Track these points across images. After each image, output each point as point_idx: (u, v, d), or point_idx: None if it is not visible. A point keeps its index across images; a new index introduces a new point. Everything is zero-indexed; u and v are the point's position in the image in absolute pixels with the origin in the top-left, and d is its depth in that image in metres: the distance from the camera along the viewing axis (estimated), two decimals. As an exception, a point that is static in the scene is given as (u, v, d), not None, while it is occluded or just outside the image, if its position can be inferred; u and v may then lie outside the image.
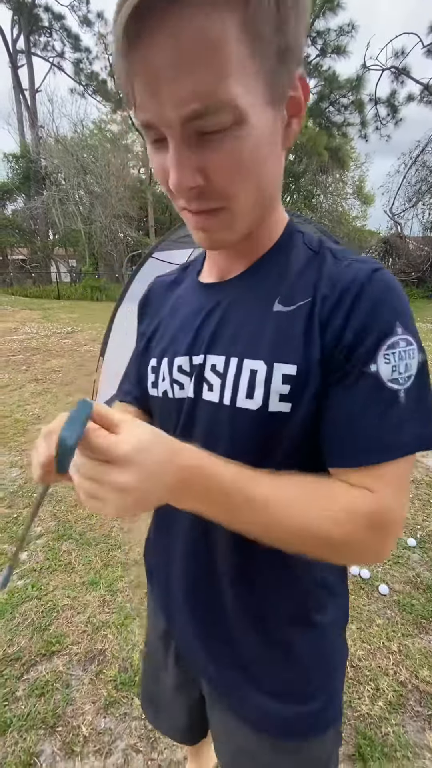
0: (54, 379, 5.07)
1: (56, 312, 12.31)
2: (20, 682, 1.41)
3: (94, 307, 14.31)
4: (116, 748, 1.22)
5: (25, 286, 19.20)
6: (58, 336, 8.21)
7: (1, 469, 2.86)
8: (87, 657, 1.51)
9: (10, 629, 1.62)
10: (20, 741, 1.22)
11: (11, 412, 3.92)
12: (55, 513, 2.36)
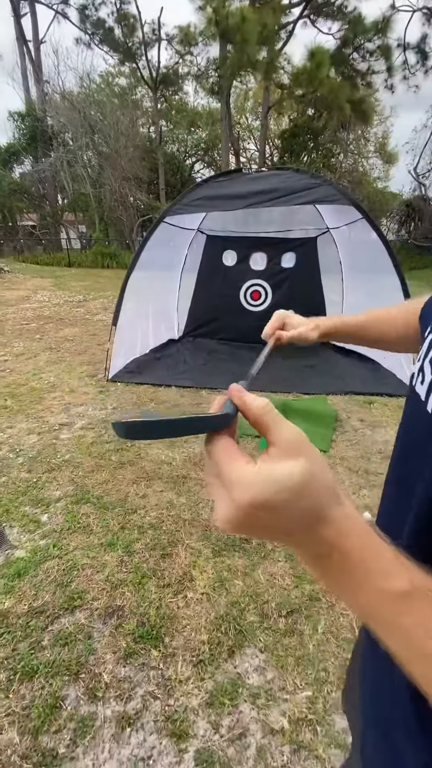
0: (68, 348, 5.10)
1: (67, 280, 12.21)
2: (45, 633, 1.51)
3: (105, 274, 14.12)
4: (135, 694, 1.31)
5: (35, 254, 18.99)
6: (70, 304, 8.19)
7: (20, 436, 2.94)
8: (107, 612, 1.60)
9: (34, 585, 1.71)
10: (47, 686, 1.32)
11: (27, 380, 3.99)
12: (72, 478, 2.43)
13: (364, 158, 23.72)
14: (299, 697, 1.30)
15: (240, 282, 5.08)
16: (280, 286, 5.02)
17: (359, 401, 3.58)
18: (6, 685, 1.32)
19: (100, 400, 3.54)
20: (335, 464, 2.60)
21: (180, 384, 3.88)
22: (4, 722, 1.22)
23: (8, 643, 1.46)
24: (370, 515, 2.12)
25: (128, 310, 4.10)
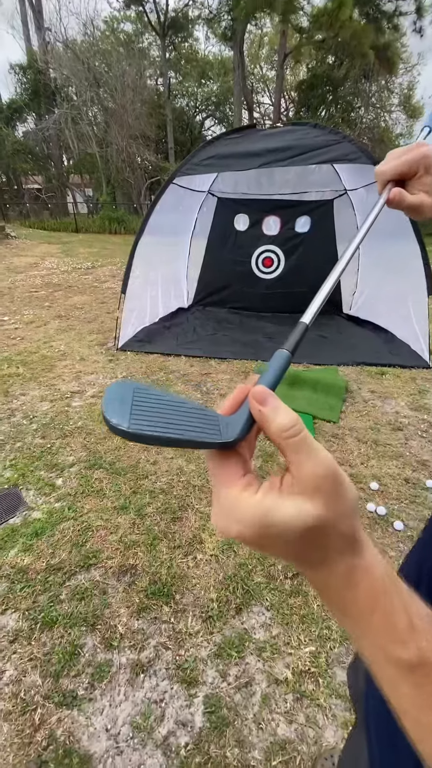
0: (77, 316, 5.09)
1: (75, 246, 11.99)
2: (63, 588, 1.60)
3: (112, 240, 13.82)
4: (148, 645, 1.39)
5: (42, 219, 18.58)
6: (78, 272, 8.09)
7: (33, 403, 2.99)
8: (120, 570, 1.68)
9: (51, 544, 1.80)
10: (65, 635, 1.41)
11: (38, 348, 4.01)
12: (85, 444, 2.49)
13: (387, 112, 22.12)
14: (303, 651, 1.37)
15: (252, 248, 4.92)
16: (293, 253, 4.85)
17: (371, 372, 3.54)
18: (28, 633, 1.42)
19: (110, 369, 3.56)
20: (344, 435, 2.61)
21: (189, 354, 3.87)
22: (27, 666, 1.32)
23: (29, 596, 1.56)
24: (377, 485, 2.14)
25: (137, 278, 4.03)
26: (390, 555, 1.74)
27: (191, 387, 3.24)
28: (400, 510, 1.99)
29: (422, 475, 2.25)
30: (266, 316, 4.93)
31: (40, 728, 1.16)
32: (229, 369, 3.59)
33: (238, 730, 1.17)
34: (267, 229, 4.86)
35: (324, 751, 1.10)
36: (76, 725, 1.17)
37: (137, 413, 0.26)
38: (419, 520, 1.94)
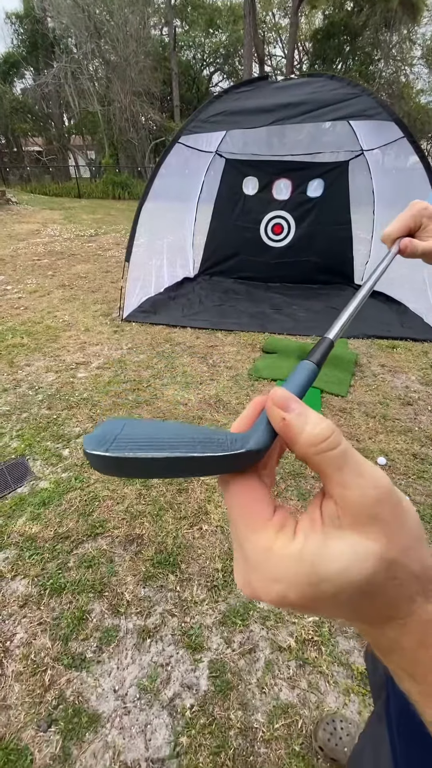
0: (81, 286, 4.98)
1: (78, 212, 11.63)
2: (71, 556, 1.62)
3: (116, 206, 13.38)
4: (155, 612, 1.42)
5: (43, 183, 17.97)
6: (82, 239, 7.87)
7: (39, 374, 2.97)
8: (127, 539, 1.70)
9: (59, 513, 1.82)
10: (74, 601, 1.44)
11: (42, 318, 3.95)
12: (91, 416, 2.48)
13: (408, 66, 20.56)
14: (306, 621, 1.40)
15: (261, 214, 4.71)
16: (304, 219, 4.64)
17: (382, 345, 3.45)
18: (37, 599, 1.45)
19: (116, 340, 3.51)
20: (352, 409, 2.56)
21: (195, 325, 3.79)
22: (37, 630, 1.35)
23: (37, 563, 1.59)
24: (385, 460, 2.12)
25: (141, 246, 3.89)
26: (395, 529, 1.74)
27: (197, 359, 3.19)
28: (407, 485, 1.98)
29: (431, 450, 2.22)
30: (274, 286, 4.79)
31: (50, 688, 1.20)
32: (235, 341, 3.52)
33: (241, 693, 1.20)
34: (277, 193, 4.63)
35: (326, 716, 1.13)
36: (84, 686, 1.21)
37: (122, 441, 0.20)
38: (426, 495, 1.92)
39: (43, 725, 1.11)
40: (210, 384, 2.83)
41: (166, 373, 2.98)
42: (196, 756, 1.07)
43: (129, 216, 7.89)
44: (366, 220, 4.58)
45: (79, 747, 1.08)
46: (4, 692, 1.19)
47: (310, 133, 4.51)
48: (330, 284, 4.77)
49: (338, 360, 3.01)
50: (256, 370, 2.97)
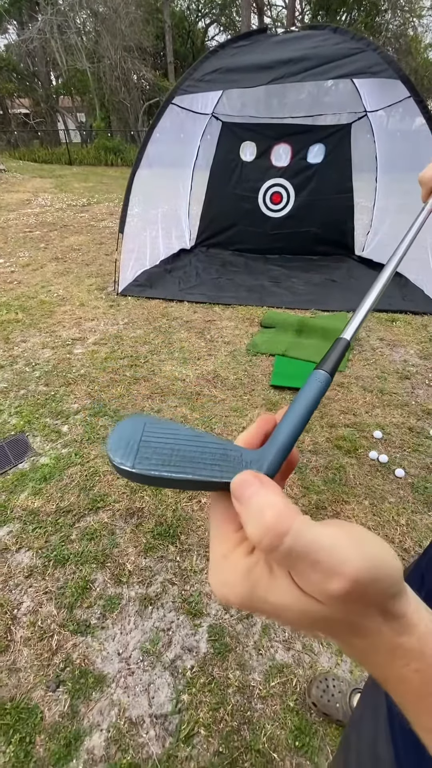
0: (74, 259, 4.86)
1: (69, 180, 11.19)
2: (73, 529, 1.66)
3: (109, 174, 12.86)
4: (155, 581, 1.48)
5: (32, 149, 17.17)
6: (74, 209, 7.61)
7: (35, 350, 2.95)
8: (127, 513, 1.74)
9: (60, 488, 1.85)
10: (77, 571, 1.49)
11: (36, 293, 3.88)
12: (89, 392, 2.48)
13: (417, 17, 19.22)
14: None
15: (259, 182, 4.54)
16: (304, 187, 4.48)
17: (381, 319, 3.41)
18: (42, 570, 1.50)
19: (111, 315, 3.46)
20: (350, 384, 2.57)
21: (192, 299, 3.73)
22: (42, 598, 1.41)
23: (41, 536, 1.63)
24: (381, 433, 2.14)
25: (135, 216, 3.76)
26: (390, 501, 1.78)
27: (195, 335, 3.16)
28: (402, 458, 2.01)
29: (426, 423, 2.24)
30: (273, 258, 4.68)
31: (57, 652, 1.26)
32: (233, 315, 3.47)
33: (239, 655, 1.26)
34: (276, 159, 4.44)
35: (319, 675, 1.20)
36: (90, 650, 1.27)
37: (145, 451, 0.22)
38: (421, 467, 1.96)
39: (52, 686, 1.18)
40: (208, 359, 2.82)
41: (163, 348, 2.96)
42: (197, 712, 1.14)
43: (122, 184, 7.59)
44: (368, 188, 4.43)
45: (86, 705, 1.15)
46: (13, 656, 1.25)
47: (311, 92, 4.28)
48: (329, 255, 4.66)
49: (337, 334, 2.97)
50: (254, 345, 2.95)
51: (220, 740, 1.08)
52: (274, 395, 2.44)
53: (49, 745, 1.06)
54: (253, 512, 0.19)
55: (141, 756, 1.05)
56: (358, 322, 0.32)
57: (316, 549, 0.18)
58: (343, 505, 1.76)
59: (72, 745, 1.06)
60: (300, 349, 2.85)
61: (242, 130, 4.40)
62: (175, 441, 0.23)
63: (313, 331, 3.04)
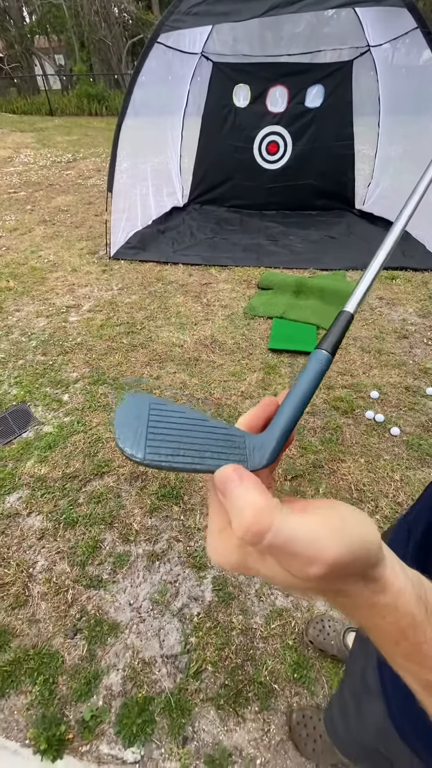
0: (63, 221, 4.67)
1: (52, 134, 10.50)
2: (80, 493, 1.73)
3: (94, 124, 12.05)
4: (161, 539, 1.56)
5: (9, 98, 15.93)
6: (59, 166, 7.20)
7: (29, 319, 2.91)
8: (132, 476, 1.80)
9: (65, 455, 1.90)
10: (86, 532, 1.57)
11: (26, 259, 3.76)
12: (87, 361, 2.48)
13: None
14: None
15: (254, 130, 4.27)
16: (302, 135, 4.22)
17: (381, 277, 3.33)
18: (53, 532, 1.58)
19: (105, 281, 3.38)
20: (347, 345, 2.56)
21: (187, 261, 3.62)
22: (56, 558, 1.49)
23: (50, 501, 1.70)
24: (377, 393, 2.17)
25: (124, 172, 3.58)
26: (385, 458, 1.84)
27: (191, 299, 3.11)
28: (398, 417, 2.05)
29: (423, 382, 2.26)
30: (269, 214, 4.50)
31: (73, 605, 1.36)
32: (230, 277, 3.40)
33: (242, 602, 1.36)
34: (272, 104, 4.15)
35: (315, 617, 1.30)
36: (103, 602, 1.37)
37: (153, 438, 0.23)
38: (416, 425, 2.00)
39: (70, 633, 1.28)
40: (205, 324, 2.79)
41: (159, 314, 2.93)
42: (204, 651, 1.25)
43: (108, 136, 7.13)
44: (370, 133, 4.17)
45: (102, 649, 1.25)
46: (32, 609, 1.35)
47: (310, 24, 3.90)
48: (328, 210, 4.48)
49: (336, 294, 2.94)
50: (251, 308, 2.91)
51: (225, 675, 1.20)
52: (272, 359, 2.45)
53: (71, 684, 1.17)
54: (234, 510, 0.21)
55: (155, 690, 1.17)
56: (363, 292, 0.30)
57: (294, 542, 0.19)
58: (340, 464, 1.82)
59: (92, 684, 1.17)
60: (298, 310, 2.82)
61: (235, 71, 4.07)
62: (182, 427, 0.24)
63: (311, 292, 2.98)
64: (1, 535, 1.58)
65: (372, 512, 1.62)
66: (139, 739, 1.08)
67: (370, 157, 4.29)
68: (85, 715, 1.11)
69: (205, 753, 1.06)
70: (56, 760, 1.02)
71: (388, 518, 1.60)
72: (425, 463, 1.82)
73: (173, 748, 1.07)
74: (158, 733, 1.09)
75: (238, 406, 2.13)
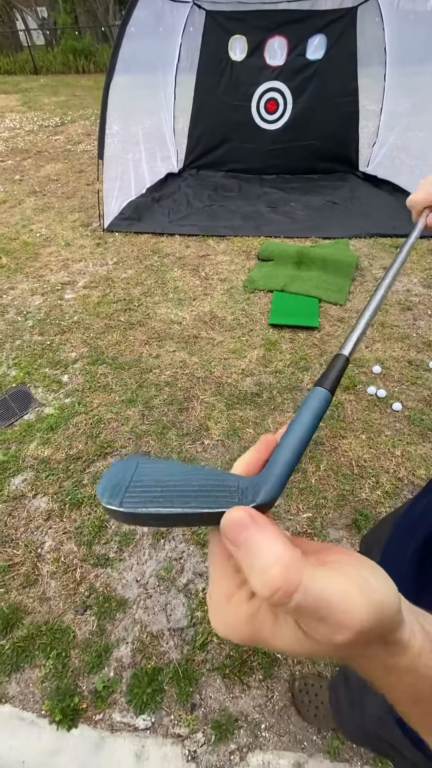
0: (54, 191, 4.48)
1: (37, 95, 9.91)
2: (84, 474, 1.75)
3: (81, 83, 11.36)
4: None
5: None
6: (47, 131, 6.84)
7: (24, 297, 2.85)
8: (134, 457, 1.81)
9: (68, 437, 1.91)
10: (92, 512, 1.59)
11: (17, 234, 3.64)
12: (85, 340, 2.44)
13: None
14: (301, 517, 1.56)
15: (252, 86, 4.01)
16: (303, 91, 3.96)
17: (385, 245, 3.23)
18: (59, 513, 1.61)
19: (99, 255, 3.28)
20: (350, 318, 2.51)
21: (184, 232, 3.50)
22: (63, 538, 1.53)
23: (54, 483, 1.72)
24: (380, 368, 2.15)
25: (115, 136, 3.39)
26: (386, 434, 1.84)
27: (189, 272, 3.02)
28: (400, 392, 2.03)
29: (426, 356, 2.23)
30: (269, 179, 4.30)
31: (82, 582, 1.40)
32: (229, 248, 3.29)
33: (245, 577, 1.40)
34: (270, 56, 3.87)
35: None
36: (111, 579, 1.41)
37: (134, 490, 0.21)
38: (418, 400, 1.99)
39: (80, 610, 1.33)
40: (204, 299, 2.73)
41: (156, 289, 2.85)
42: (210, 625, 1.29)
43: (97, 96, 6.73)
44: (375, 87, 3.90)
45: (112, 624, 1.30)
46: (42, 588, 1.39)
47: (311, -37, 3.57)
48: (331, 173, 4.27)
49: (338, 265, 2.85)
50: (251, 281, 2.83)
51: (230, 646, 1.24)
52: (273, 334, 2.40)
53: (83, 657, 1.23)
54: (258, 566, 0.18)
55: (163, 661, 1.22)
56: (357, 336, 0.31)
57: (324, 605, 0.17)
58: (341, 440, 1.82)
59: (103, 656, 1.23)
60: (300, 283, 2.74)
61: (230, 20, 3.76)
62: (166, 476, 0.22)
63: (312, 262, 2.89)
64: (8, 516, 1.61)
65: (373, 488, 1.64)
66: (150, 707, 1.14)
67: (375, 113, 4.04)
68: (98, 686, 1.17)
69: (212, 719, 1.12)
70: (71, 728, 1.08)
71: (388, 494, 1.62)
72: (426, 438, 1.82)
73: (182, 715, 1.12)
74: (167, 701, 1.15)
75: (238, 384, 2.11)
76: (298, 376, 2.14)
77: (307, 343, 2.34)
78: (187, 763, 1.06)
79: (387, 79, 3.81)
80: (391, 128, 3.91)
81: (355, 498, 1.61)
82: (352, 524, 1.53)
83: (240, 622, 0.20)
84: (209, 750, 1.08)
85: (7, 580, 1.41)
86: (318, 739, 1.09)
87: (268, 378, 2.13)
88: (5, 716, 1.13)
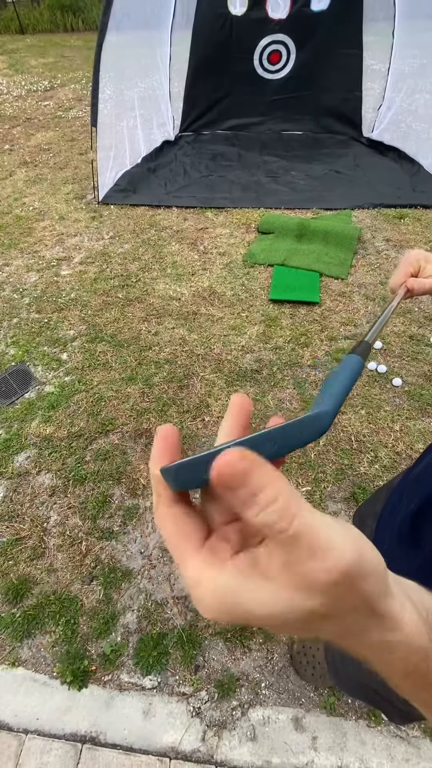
0: (45, 162, 4.31)
1: (24, 57, 9.38)
2: (86, 451, 1.77)
3: (71, 43, 10.72)
4: (168, 492, 1.62)
5: (-28, 11, 13.92)
6: (35, 96, 6.51)
7: (20, 274, 2.80)
8: (136, 434, 1.83)
9: (69, 415, 1.92)
10: (95, 488, 1.63)
11: (10, 208, 3.53)
12: (83, 317, 2.42)
13: None
14: (300, 491, 1.59)
15: (253, 40, 3.79)
16: (306, 42, 3.76)
17: (388, 216, 3.14)
18: (63, 489, 1.64)
19: (95, 229, 3.19)
20: (351, 293, 2.47)
21: (181, 204, 3.39)
22: (68, 513, 1.56)
23: (57, 460, 1.74)
24: (381, 344, 2.13)
25: (108, 101, 3.23)
26: (385, 409, 1.85)
27: (187, 246, 2.95)
28: (400, 367, 2.03)
29: (428, 330, 2.21)
30: (269, 141, 4.11)
31: (87, 555, 1.44)
32: (228, 221, 3.19)
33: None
34: (273, 9, 3.63)
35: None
36: (115, 551, 1.45)
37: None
38: (418, 375, 1.99)
39: (87, 580, 1.38)
40: (203, 275, 2.68)
41: (154, 264, 2.80)
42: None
43: (88, 57, 6.37)
44: (382, 44, 3.68)
45: (117, 593, 1.35)
46: (49, 560, 1.44)
47: None
48: (333, 136, 4.10)
49: (340, 237, 2.77)
50: (251, 255, 2.77)
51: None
52: (273, 310, 2.37)
53: (91, 624, 1.28)
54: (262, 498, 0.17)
55: (167, 627, 1.28)
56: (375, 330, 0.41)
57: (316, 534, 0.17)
58: (340, 416, 1.83)
59: (110, 623, 1.28)
60: (300, 256, 2.68)
61: (228, -32, 3.51)
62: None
63: (314, 235, 2.82)
64: (13, 492, 1.65)
65: (371, 462, 1.66)
66: (156, 668, 1.20)
67: (382, 74, 3.83)
68: (106, 650, 1.23)
69: (215, 678, 1.18)
70: (82, 689, 1.15)
71: (387, 468, 1.64)
72: (426, 413, 1.83)
73: (186, 675, 1.19)
74: (172, 663, 1.21)
75: (238, 361, 2.10)
76: (299, 352, 2.13)
77: (307, 318, 2.32)
78: (192, 719, 1.13)
79: (395, 36, 3.58)
80: (398, 90, 3.71)
81: (354, 472, 1.63)
82: (351, 497, 1.56)
83: (216, 598, 0.19)
84: (212, 706, 1.15)
85: (15, 552, 1.46)
86: (315, 696, 1.16)
87: (268, 354, 2.13)
88: (19, 678, 1.19)
